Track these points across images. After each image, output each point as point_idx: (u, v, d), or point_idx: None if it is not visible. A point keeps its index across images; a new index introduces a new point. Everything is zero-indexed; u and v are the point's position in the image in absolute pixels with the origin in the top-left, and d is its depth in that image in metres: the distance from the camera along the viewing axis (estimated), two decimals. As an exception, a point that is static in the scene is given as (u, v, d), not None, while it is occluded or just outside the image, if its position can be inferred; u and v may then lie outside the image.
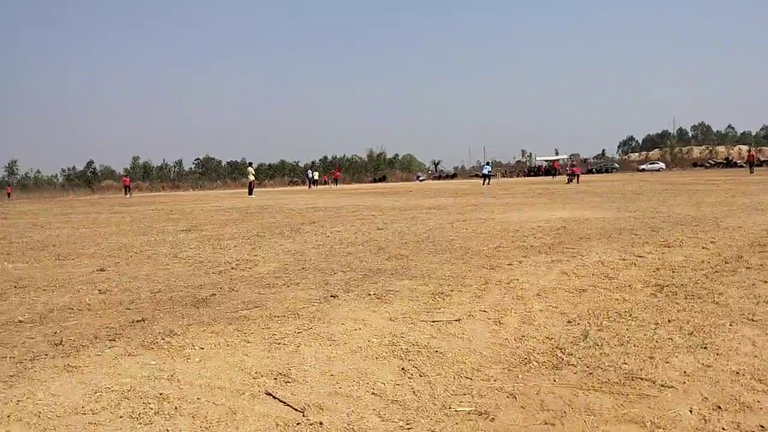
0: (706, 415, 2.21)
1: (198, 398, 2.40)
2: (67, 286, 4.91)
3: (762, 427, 2.11)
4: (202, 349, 2.98)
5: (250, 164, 32.70)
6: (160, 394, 2.42)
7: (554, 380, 2.61)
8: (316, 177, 53.89)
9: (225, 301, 4.07)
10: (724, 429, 2.11)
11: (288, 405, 2.36)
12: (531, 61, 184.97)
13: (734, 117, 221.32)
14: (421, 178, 70.85)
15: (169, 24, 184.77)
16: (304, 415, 2.28)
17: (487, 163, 42.83)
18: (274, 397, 2.43)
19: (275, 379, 2.62)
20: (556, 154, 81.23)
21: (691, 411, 2.25)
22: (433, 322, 3.44)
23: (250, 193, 28.37)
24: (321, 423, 2.22)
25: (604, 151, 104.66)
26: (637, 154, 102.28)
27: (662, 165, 68.82)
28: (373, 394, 2.50)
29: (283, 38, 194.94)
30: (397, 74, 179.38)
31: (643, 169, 66.16)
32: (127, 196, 40.76)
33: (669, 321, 3.40)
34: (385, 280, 4.59)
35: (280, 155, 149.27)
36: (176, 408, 2.30)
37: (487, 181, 36.90)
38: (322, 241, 7.41)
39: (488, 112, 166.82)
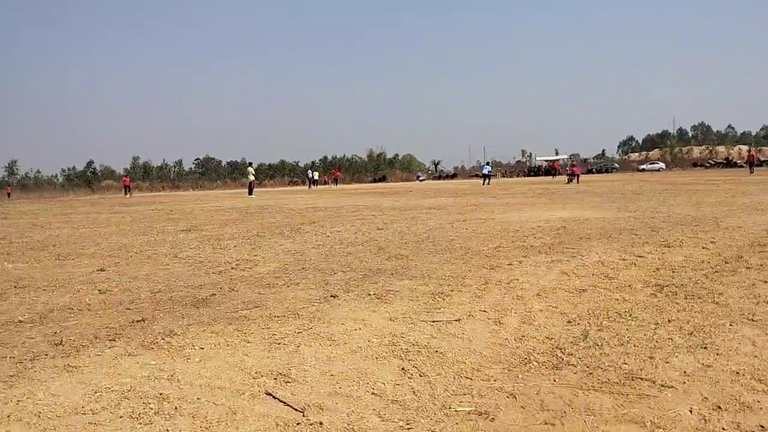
0: (706, 415, 2.21)
1: (198, 398, 2.40)
2: (67, 286, 4.91)
3: (762, 427, 2.11)
4: (202, 349, 2.98)
5: (250, 164, 32.71)
6: (160, 394, 2.42)
7: (554, 380, 2.61)
8: (316, 177, 53.89)
9: (225, 301, 4.07)
10: (724, 429, 2.11)
11: (288, 405, 2.36)
12: (531, 61, 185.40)
13: (734, 117, 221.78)
14: (421, 178, 70.83)
15: (169, 24, 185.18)
16: (304, 415, 2.28)
17: (487, 163, 42.83)
18: (274, 397, 2.43)
19: (275, 379, 2.62)
20: (556, 154, 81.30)
21: (691, 411, 2.25)
22: (433, 322, 3.44)
23: (250, 193, 28.38)
24: (321, 423, 2.22)
25: (604, 151, 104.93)
26: (637, 154, 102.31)
27: (662, 165, 68.83)
28: (373, 394, 2.50)
29: (283, 38, 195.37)
30: (397, 74, 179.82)
31: (643, 169, 66.17)
32: (127, 196, 40.76)
33: (669, 321, 3.40)
34: (385, 280, 4.59)
35: (280, 155, 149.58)
36: (176, 408, 2.31)
37: (487, 181, 36.91)
38: (322, 241, 7.41)
39: (488, 112, 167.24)
